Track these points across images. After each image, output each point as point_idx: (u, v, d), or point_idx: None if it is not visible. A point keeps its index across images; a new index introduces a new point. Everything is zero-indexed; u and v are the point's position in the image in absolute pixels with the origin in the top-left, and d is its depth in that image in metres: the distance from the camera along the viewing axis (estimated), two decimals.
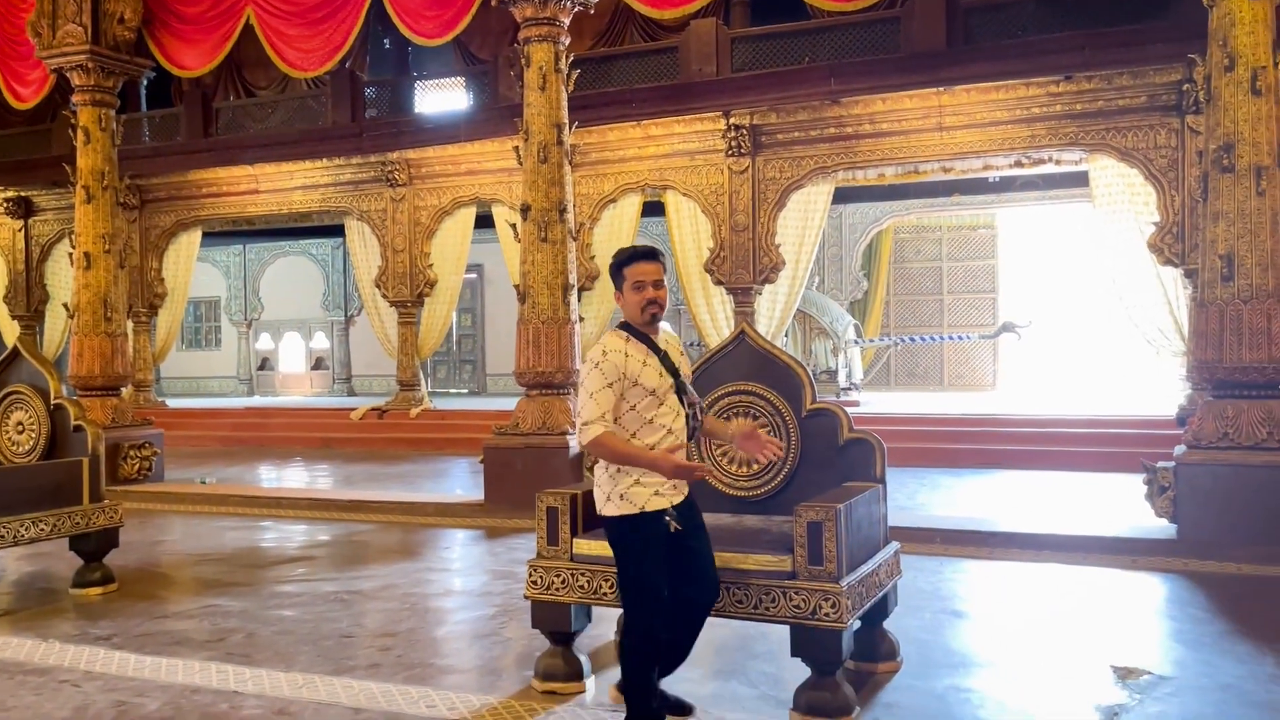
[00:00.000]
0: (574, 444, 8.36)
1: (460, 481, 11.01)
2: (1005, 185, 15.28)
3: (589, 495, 4.19)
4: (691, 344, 17.17)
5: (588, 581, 4.01)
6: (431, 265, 14.91)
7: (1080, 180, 13.92)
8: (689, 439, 3.60)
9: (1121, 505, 8.48)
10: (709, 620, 3.71)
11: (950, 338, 15.99)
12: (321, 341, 22.63)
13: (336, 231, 18.32)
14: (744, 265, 12.67)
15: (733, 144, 12.63)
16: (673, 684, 4.05)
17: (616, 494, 3.52)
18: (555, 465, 8.21)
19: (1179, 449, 6.73)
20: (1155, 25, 10.66)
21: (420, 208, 14.96)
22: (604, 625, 4.64)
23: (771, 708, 3.87)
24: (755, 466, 4.47)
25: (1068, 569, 6.26)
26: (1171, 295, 11.17)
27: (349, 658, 4.61)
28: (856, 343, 15.15)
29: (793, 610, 3.67)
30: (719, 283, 12.85)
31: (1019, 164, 11.91)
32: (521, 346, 8.48)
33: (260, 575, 6.45)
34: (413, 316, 15.15)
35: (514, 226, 9.11)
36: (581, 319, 8.62)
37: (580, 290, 12.07)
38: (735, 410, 4.51)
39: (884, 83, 11.74)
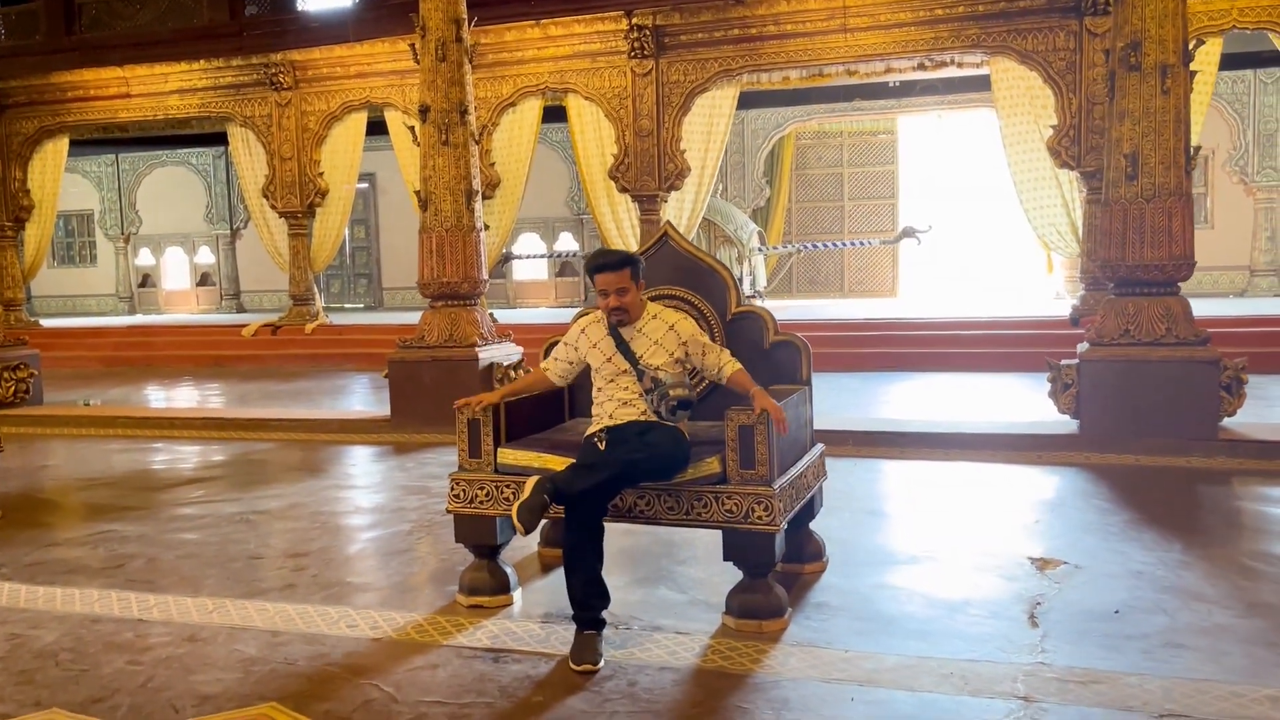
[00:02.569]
0: (484, 356, 8.15)
1: (361, 398, 10.71)
2: (905, 90, 15.30)
3: (511, 405, 4.05)
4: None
5: (513, 493, 3.87)
6: (322, 174, 14.27)
7: (979, 85, 14.03)
8: (661, 417, 3.76)
9: (1022, 403, 8.72)
10: (632, 527, 3.64)
11: (853, 244, 16.12)
12: (206, 256, 21.66)
13: (218, 140, 17.39)
14: (649, 172, 12.44)
15: (635, 45, 12.28)
16: None
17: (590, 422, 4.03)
18: (464, 378, 7.99)
19: (1082, 346, 6.88)
20: None
21: (308, 113, 14.23)
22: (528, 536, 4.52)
23: (702, 612, 3.83)
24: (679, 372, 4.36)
25: (978, 466, 6.40)
26: (1069, 196, 11.40)
27: (260, 580, 4.41)
28: (760, 250, 15.14)
29: (724, 514, 3.61)
30: (624, 190, 12.60)
31: (922, 66, 11.87)
32: (424, 256, 8.16)
33: (156, 499, 6.14)
34: (304, 228, 14.53)
35: (412, 129, 8.69)
36: (487, 227, 8.27)
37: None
38: None
39: None
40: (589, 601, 3.46)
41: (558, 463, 3.80)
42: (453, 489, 3.98)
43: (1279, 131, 14.88)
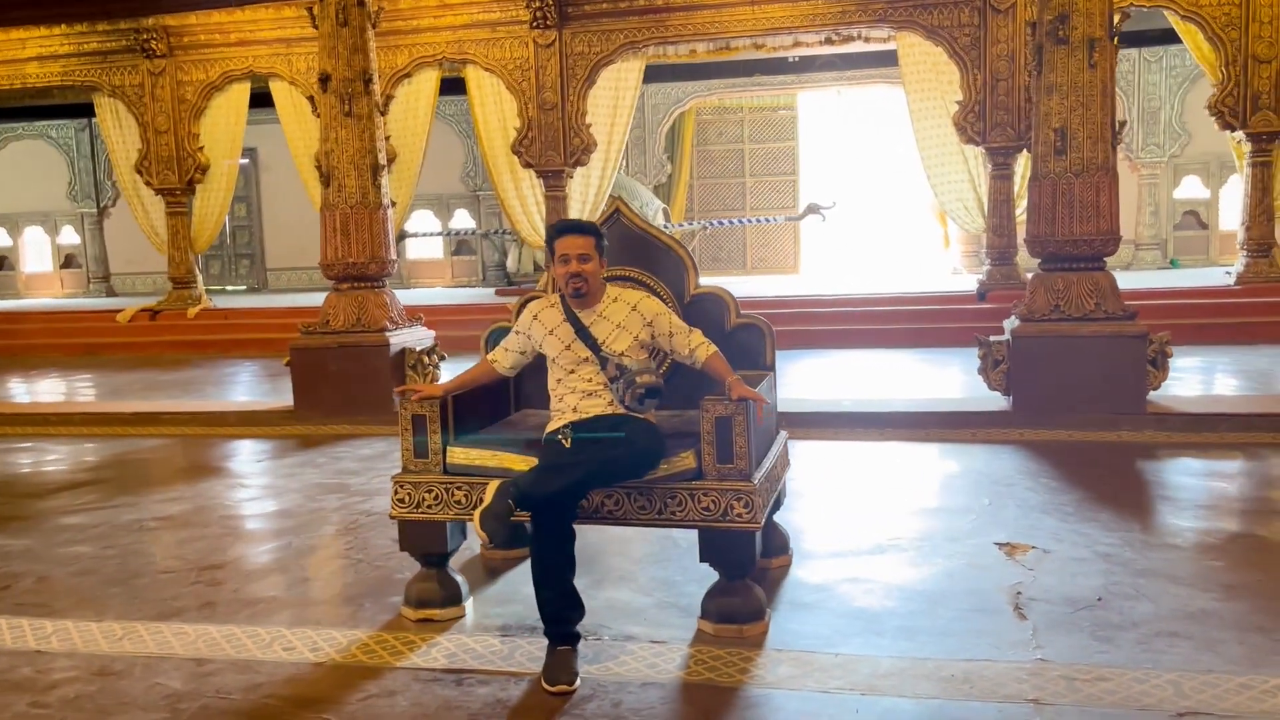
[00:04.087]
0: (395, 341, 7.68)
1: (254, 387, 10.09)
2: (805, 65, 15.24)
3: (461, 399, 3.70)
4: (501, 231, 16.49)
5: (466, 495, 3.53)
6: (202, 148, 13.41)
7: (878, 61, 14.08)
8: (628, 408, 3.49)
9: (941, 379, 8.73)
10: (582, 526, 3.33)
11: (758, 220, 16.03)
12: (70, 236, 20.28)
13: (82, 111, 16.19)
14: (554, 146, 12.06)
15: (537, 14, 11.86)
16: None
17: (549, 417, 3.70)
18: (374, 365, 7.54)
19: (1010, 322, 6.85)
20: None
21: (185, 83, 13.33)
22: (471, 537, 4.19)
23: (674, 616, 3.57)
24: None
25: (914, 445, 6.31)
26: (974, 171, 11.49)
27: (173, 598, 3.95)
28: (666, 227, 14.92)
29: (701, 513, 3.35)
30: (528, 165, 12.21)
31: (830, 41, 11.80)
32: (328, 235, 7.64)
33: (38, 506, 5.55)
34: (183, 206, 13.66)
35: (311, 99, 8.12)
36: (393, 203, 7.80)
37: None
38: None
39: None
40: (563, 615, 3.16)
41: (517, 461, 3.49)
42: (396, 493, 3.61)
43: (1161, 109, 15.38)
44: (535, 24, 11.88)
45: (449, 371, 8.49)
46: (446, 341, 8.50)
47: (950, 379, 8.70)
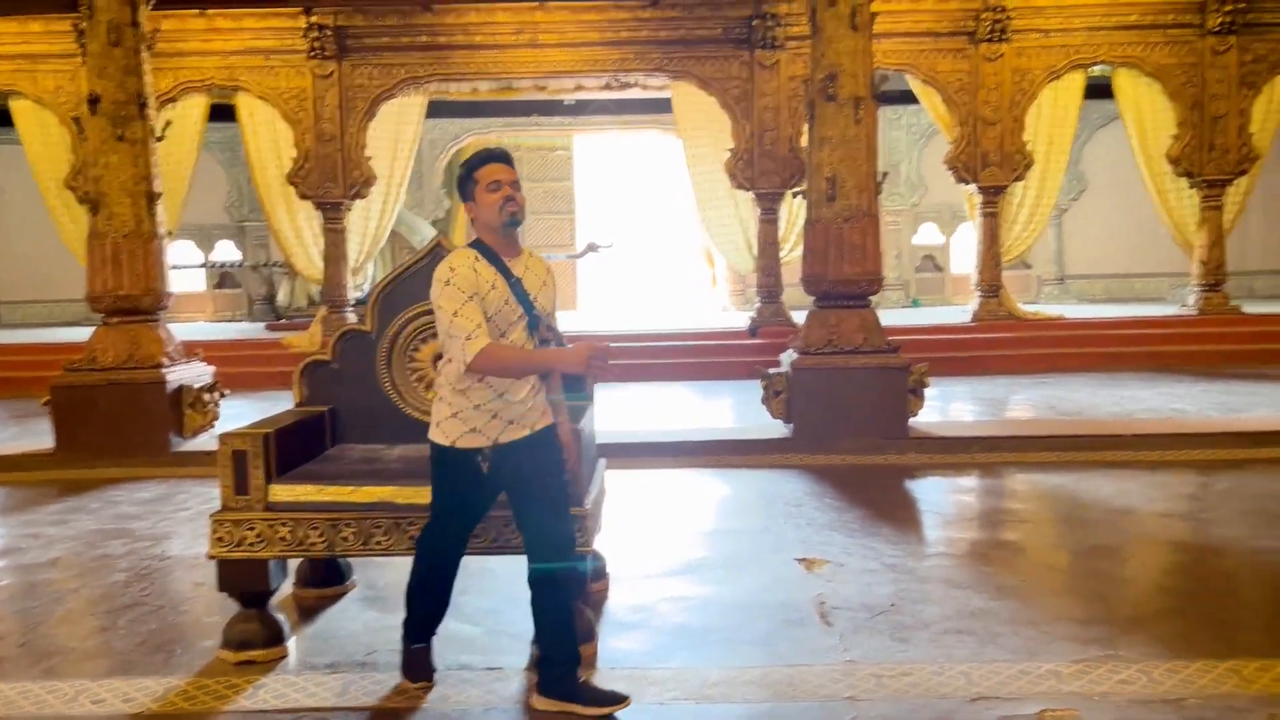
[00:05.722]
0: (171, 378, 7.27)
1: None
2: (583, 108, 15.67)
3: (283, 433, 3.62)
4: (271, 264, 15.84)
5: (290, 532, 3.46)
6: None
7: (655, 107, 14.70)
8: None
9: (720, 409, 9.19)
10: (389, 560, 3.38)
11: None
12: None
13: None
14: (332, 178, 11.79)
15: (315, 45, 11.61)
16: (375, 631, 3.68)
17: (435, 420, 3.15)
18: (149, 404, 7.10)
19: (789, 355, 7.35)
20: None
21: None
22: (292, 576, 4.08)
23: (508, 643, 3.64)
24: None
25: (707, 472, 6.63)
26: (744, 215, 12.19)
27: None
28: None
29: None
30: (305, 197, 11.86)
31: (609, 86, 12.23)
32: (96, 266, 7.16)
33: None
34: None
35: (77, 120, 7.62)
36: (170, 233, 7.42)
37: None
38: (432, 332, 4.11)
39: None
40: (440, 612, 3.33)
41: (343, 493, 3.46)
42: (215, 531, 3.49)
43: (903, 163, 16.87)
44: (313, 54, 11.62)
45: (233, 411, 8.11)
46: (220, 379, 8.11)
47: (728, 409, 9.18)
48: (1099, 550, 4.70)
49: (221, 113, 12.65)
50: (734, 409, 9.08)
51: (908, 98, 13.29)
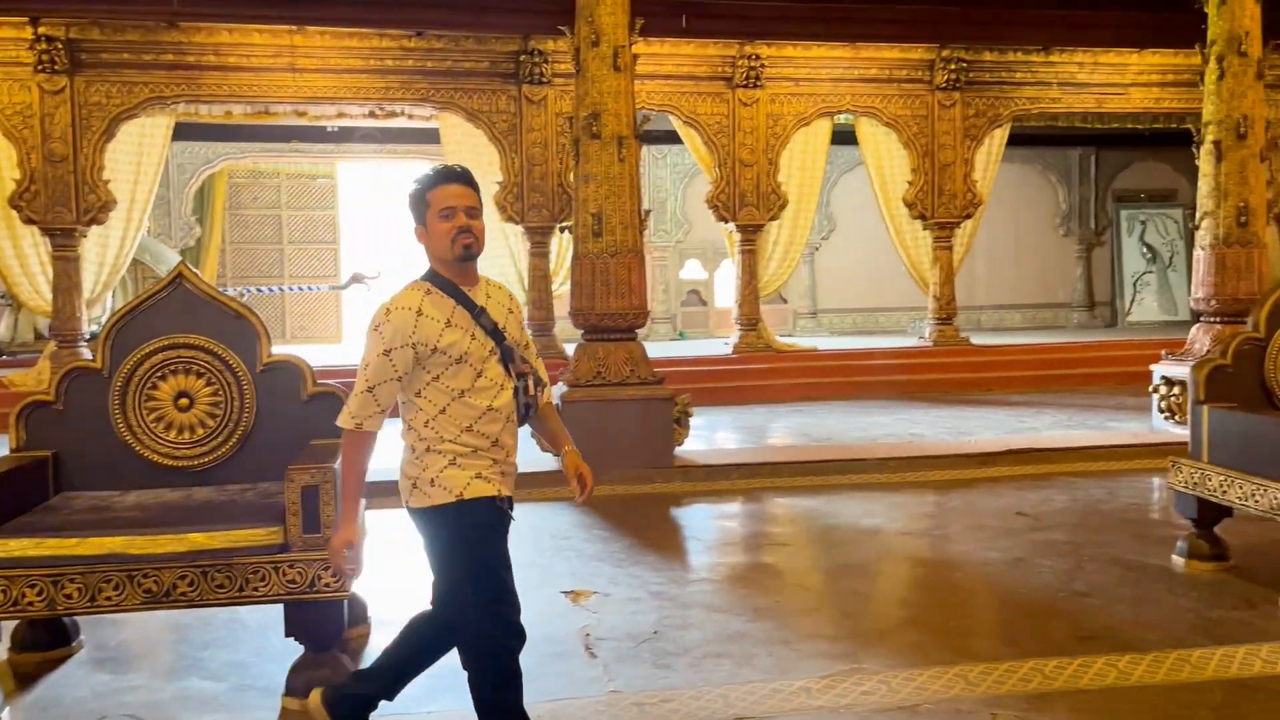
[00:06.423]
0: None
1: None
2: (346, 136, 15.22)
3: None
4: None
5: (3, 592, 3.13)
6: None
7: (422, 137, 14.49)
8: (520, 421, 2.77)
9: None
10: (126, 616, 3.13)
11: (302, 288, 15.58)
12: None
13: None
14: (63, 202, 10.85)
15: (44, 58, 10.69)
16: (106, 695, 3.38)
17: (426, 480, 2.67)
18: None
19: (559, 387, 7.38)
20: None
21: None
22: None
23: (256, 698, 3.42)
24: (200, 431, 3.87)
25: None
26: (515, 248, 12.19)
27: None
28: None
29: (286, 586, 3.28)
30: (30, 221, 10.84)
31: (374, 114, 11.94)
32: None
33: None
34: None
35: None
36: None
37: None
38: (172, 369, 3.86)
39: (232, 11, 10.88)
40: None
41: (65, 545, 3.17)
42: None
43: (668, 200, 17.42)
44: (41, 68, 10.68)
45: None
46: None
47: None
48: (848, 569, 4.98)
49: None
50: None
51: (672, 137, 13.76)
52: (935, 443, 8.36)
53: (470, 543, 2.68)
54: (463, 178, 2.72)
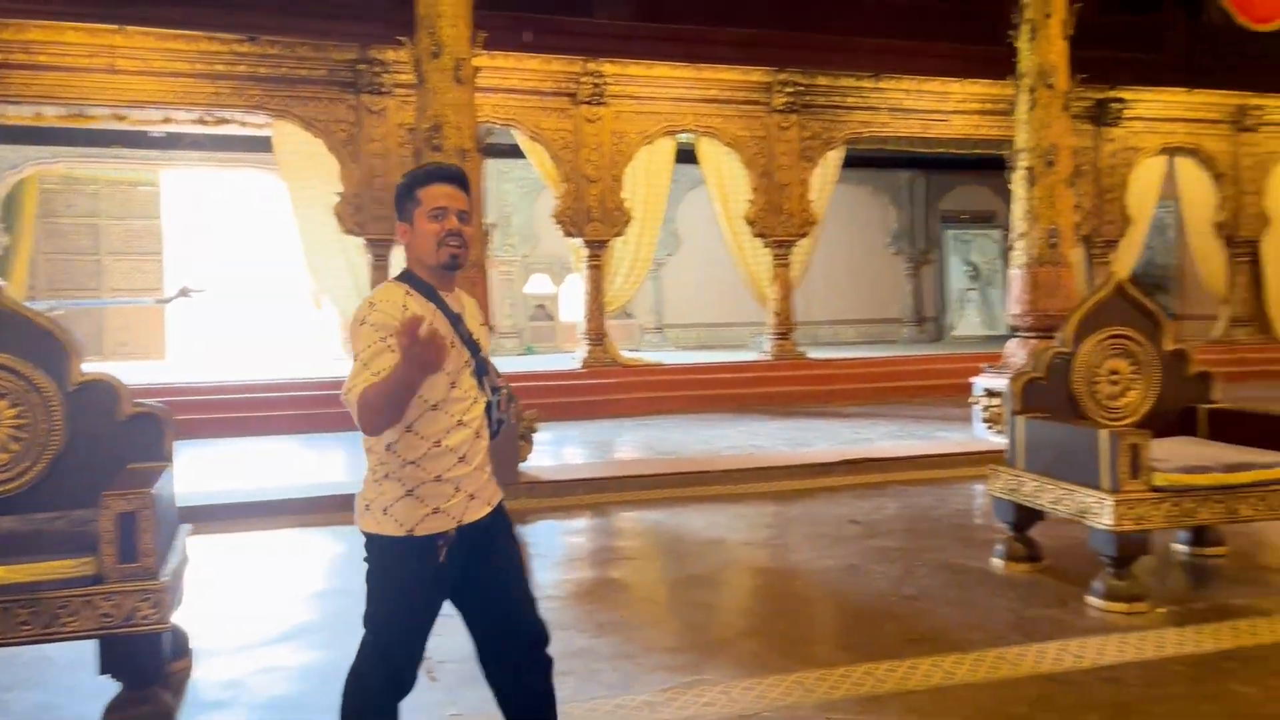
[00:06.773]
0: None
1: None
2: (172, 143, 14.50)
3: None
4: None
5: None
6: None
7: (255, 145, 13.94)
8: (493, 435, 2.61)
9: (329, 463, 8.82)
10: None
11: (124, 302, 14.71)
12: None
13: None
14: None
15: None
16: None
17: (379, 507, 2.48)
18: None
19: None
20: (339, 1, 11.14)
21: None
22: None
23: None
24: (4, 456, 3.60)
25: (312, 531, 6.31)
26: (355, 260, 11.87)
27: None
28: None
29: (101, 621, 3.08)
30: None
31: (203, 121, 11.47)
32: None
33: None
34: None
35: None
36: None
37: None
38: None
39: (44, 8, 10.23)
40: None
41: None
42: None
43: (514, 215, 17.32)
44: None
45: None
46: None
47: (340, 463, 8.83)
48: (692, 580, 5.04)
49: None
50: (347, 463, 8.74)
51: (517, 152, 13.69)
52: (775, 454, 8.57)
53: (398, 587, 2.51)
54: (457, 178, 2.56)
